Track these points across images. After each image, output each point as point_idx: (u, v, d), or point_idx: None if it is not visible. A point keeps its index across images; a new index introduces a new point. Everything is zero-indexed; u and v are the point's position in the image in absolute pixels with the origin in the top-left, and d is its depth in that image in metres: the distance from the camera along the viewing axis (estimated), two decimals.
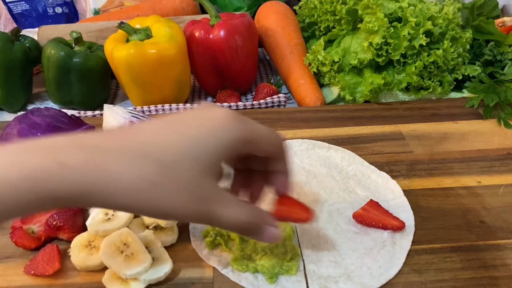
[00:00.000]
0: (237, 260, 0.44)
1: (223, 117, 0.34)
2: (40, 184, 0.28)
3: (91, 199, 0.30)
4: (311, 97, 0.73)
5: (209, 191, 0.33)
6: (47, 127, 0.56)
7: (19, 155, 0.29)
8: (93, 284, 0.43)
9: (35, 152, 0.29)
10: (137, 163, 0.30)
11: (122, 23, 0.68)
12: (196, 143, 0.32)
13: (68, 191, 0.29)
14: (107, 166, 0.30)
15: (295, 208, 0.41)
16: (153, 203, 0.31)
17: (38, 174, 0.28)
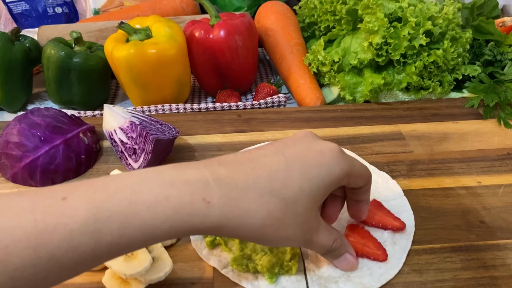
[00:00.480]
0: (237, 260, 0.44)
1: (332, 153, 0.38)
2: (185, 218, 0.32)
3: (224, 232, 0.34)
4: (311, 97, 0.73)
5: (314, 223, 0.38)
6: (47, 127, 0.56)
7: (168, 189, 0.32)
8: (93, 284, 0.43)
9: (181, 187, 0.32)
10: (265, 199, 0.34)
11: (122, 23, 0.68)
12: (313, 182, 0.36)
13: (206, 225, 0.33)
14: (242, 204, 0.34)
15: (369, 243, 0.46)
16: (273, 236, 0.35)
17: (186, 208, 0.32)
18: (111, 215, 0.30)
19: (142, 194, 0.31)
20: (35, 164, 0.54)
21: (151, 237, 0.31)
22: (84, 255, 0.30)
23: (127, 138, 0.56)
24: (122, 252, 0.31)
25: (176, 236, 0.33)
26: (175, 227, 0.32)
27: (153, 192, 0.32)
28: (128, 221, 0.30)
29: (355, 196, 0.43)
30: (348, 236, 0.46)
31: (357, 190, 0.42)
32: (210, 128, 0.66)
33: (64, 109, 0.73)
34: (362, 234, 0.46)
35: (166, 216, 0.31)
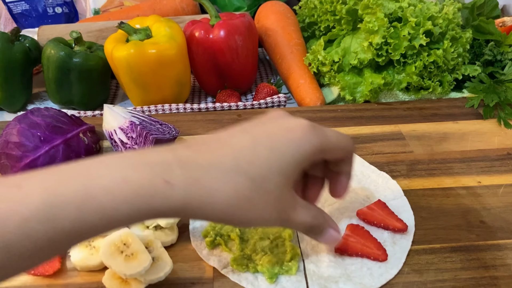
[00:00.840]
0: (237, 260, 0.44)
1: (302, 129, 0.36)
2: (146, 200, 0.31)
3: (189, 213, 0.33)
4: (311, 97, 0.73)
5: (290, 200, 0.37)
6: (47, 127, 0.56)
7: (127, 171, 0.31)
8: (93, 284, 0.43)
9: (141, 169, 0.31)
10: (232, 179, 0.33)
11: (122, 23, 0.68)
12: (282, 159, 0.35)
13: (169, 206, 0.31)
14: (206, 183, 0.32)
15: (370, 243, 0.45)
16: (244, 216, 0.34)
17: (146, 190, 0.31)
18: (67, 199, 0.29)
19: (100, 177, 0.30)
20: (35, 164, 0.54)
21: (111, 221, 0.30)
22: (41, 243, 0.28)
23: (127, 138, 0.56)
24: (82, 238, 0.30)
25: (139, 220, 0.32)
26: (135, 210, 0.30)
27: (111, 175, 0.31)
28: (86, 205, 0.29)
29: (336, 167, 0.41)
30: (348, 236, 0.46)
31: (338, 162, 0.40)
32: (210, 128, 0.66)
33: (64, 109, 0.73)
34: (363, 234, 0.46)
35: (125, 198, 0.30)
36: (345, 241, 0.46)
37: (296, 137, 0.35)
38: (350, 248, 0.45)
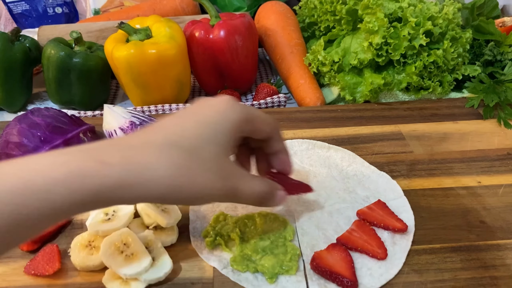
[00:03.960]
0: (237, 260, 0.44)
1: (225, 102, 0.39)
2: (84, 181, 0.31)
3: (129, 192, 0.32)
4: (311, 97, 0.73)
5: (230, 169, 0.38)
6: (47, 127, 0.56)
7: (60, 157, 0.32)
8: (93, 284, 0.43)
9: (74, 154, 0.32)
10: (165, 152, 0.34)
11: (122, 23, 0.68)
12: (210, 127, 0.37)
13: (108, 186, 0.32)
14: (141, 159, 0.33)
15: (372, 241, 0.45)
16: (186, 187, 0.34)
17: (82, 172, 0.31)
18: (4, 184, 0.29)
19: (36, 163, 0.31)
20: None
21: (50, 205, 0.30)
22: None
23: None
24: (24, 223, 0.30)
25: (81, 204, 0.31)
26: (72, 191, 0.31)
27: (46, 161, 0.31)
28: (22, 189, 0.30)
29: (269, 148, 0.44)
30: (352, 231, 0.47)
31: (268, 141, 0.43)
32: None
33: (64, 109, 0.73)
34: (367, 231, 0.47)
35: (62, 180, 0.30)
36: (348, 234, 0.47)
37: (220, 109, 0.38)
38: (351, 242, 0.46)
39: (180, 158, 0.34)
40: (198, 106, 0.39)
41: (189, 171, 0.34)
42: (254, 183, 0.39)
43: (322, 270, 0.43)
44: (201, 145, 0.35)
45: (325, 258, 0.44)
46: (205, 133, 0.36)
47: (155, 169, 0.33)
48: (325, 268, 0.43)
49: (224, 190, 0.37)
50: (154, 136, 0.35)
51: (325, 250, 0.45)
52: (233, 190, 0.37)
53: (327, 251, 0.45)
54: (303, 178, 0.55)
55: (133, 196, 0.33)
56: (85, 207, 0.32)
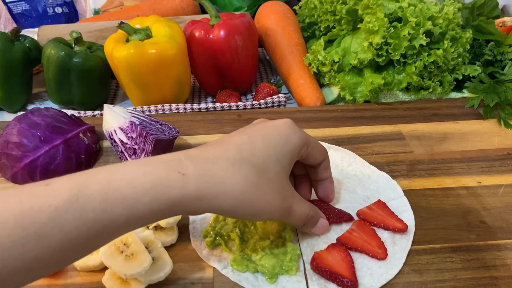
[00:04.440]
0: (237, 260, 0.44)
1: (288, 124, 0.41)
2: (163, 190, 0.33)
3: (206, 202, 0.35)
4: (311, 97, 0.73)
5: (289, 189, 0.41)
6: (47, 127, 0.56)
7: (144, 167, 0.34)
8: (93, 284, 0.43)
9: (156, 165, 0.35)
10: (239, 168, 0.36)
11: (122, 23, 0.68)
12: (277, 149, 0.39)
13: (187, 196, 0.34)
14: (216, 173, 0.36)
15: (372, 241, 0.46)
16: (253, 203, 0.37)
17: (163, 181, 0.34)
18: (92, 192, 0.32)
19: (120, 173, 0.33)
20: (35, 164, 0.54)
21: (134, 212, 0.33)
22: (70, 233, 0.31)
23: (127, 138, 0.56)
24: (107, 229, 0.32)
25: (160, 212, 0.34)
26: (155, 200, 0.33)
27: (131, 170, 0.34)
28: (109, 196, 0.32)
29: (317, 175, 0.47)
30: (352, 231, 0.47)
31: (317, 168, 0.46)
32: (210, 128, 0.66)
33: (64, 109, 0.73)
34: (367, 231, 0.47)
35: (145, 189, 0.33)
36: (348, 234, 0.46)
37: (284, 131, 0.41)
38: (351, 242, 0.46)
39: (250, 174, 0.37)
40: (263, 127, 0.41)
41: (257, 188, 0.37)
42: (305, 206, 0.43)
43: (322, 270, 0.43)
44: (268, 165, 0.38)
45: (325, 258, 0.44)
46: (273, 154, 0.39)
47: (229, 183, 0.36)
48: (325, 268, 0.43)
49: (281, 208, 0.39)
50: (228, 151, 0.37)
51: (325, 250, 0.45)
52: (288, 209, 0.40)
53: (327, 251, 0.45)
54: None
55: (206, 207, 0.36)
56: (163, 216, 0.35)
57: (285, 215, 0.40)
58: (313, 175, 0.47)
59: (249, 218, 0.39)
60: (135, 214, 0.33)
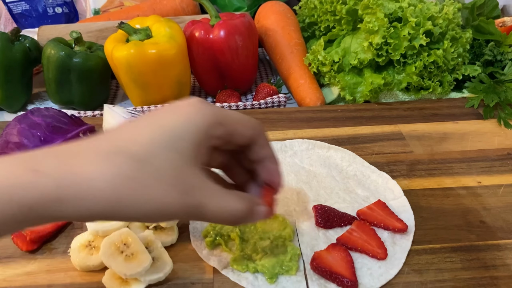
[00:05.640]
0: (237, 260, 0.44)
1: (190, 105, 0.33)
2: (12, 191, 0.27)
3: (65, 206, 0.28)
4: (311, 97, 0.73)
5: (195, 181, 0.32)
6: (47, 127, 0.56)
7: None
8: (93, 284, 0.43)
9: (7, 162, 0.28)
10: (109, 160, 0.29)
11: (122, 23, 0.68)
12: (170, 132, 0.31)
13: (40, 198, 0.27)
14: (80, 168, 0.28)
15: (372, 241, 0.45)
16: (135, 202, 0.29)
17: (10, 181, 0.27)
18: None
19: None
20: None
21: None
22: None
23: None
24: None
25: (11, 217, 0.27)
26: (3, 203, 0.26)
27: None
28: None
29: (254, 154, 0.37)
30: (352, 231, 0.47)
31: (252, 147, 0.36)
32: None
33: (64, 109, 0.73)
34: (367, 231, 0.47)
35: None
36: (348, 235, 0.46)
37: (183, 111, 0.32)
38: (351, 242, 0.46)
39: (127, 167, 0.29)
40: (158, 110, 0.33)
41: (138, 183, 0.29)
42: (226, 199, 0.33)
43: (322, 270, 0.43)
44: (155, 152, 0.30)
45: (325, 258, 0.44)
46: (161, 138, 0.30)
47: (94, 179, 0.28)
48: (325, 268, 0.43)
49: (184, 206, 0.31)
50: (100, 142, 0.30)
51: (325, 250, 0.45)
52: (197, 207, 0.31)
53: (327, 251, 0.45)
54: (302, 178, 0.55)
55: (73, 211, 0.28)
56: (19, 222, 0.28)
57: (196, 214, 0.32)
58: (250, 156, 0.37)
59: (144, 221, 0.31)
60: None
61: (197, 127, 0.32)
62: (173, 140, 0.31)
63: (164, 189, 0.30)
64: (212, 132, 0.33)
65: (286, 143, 0.60)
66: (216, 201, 0.32)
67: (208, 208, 0.32)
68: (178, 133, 0.31)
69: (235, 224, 0.36)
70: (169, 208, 0.30)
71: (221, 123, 0.33)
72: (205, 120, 0.32)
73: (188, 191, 0.31)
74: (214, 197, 0.32)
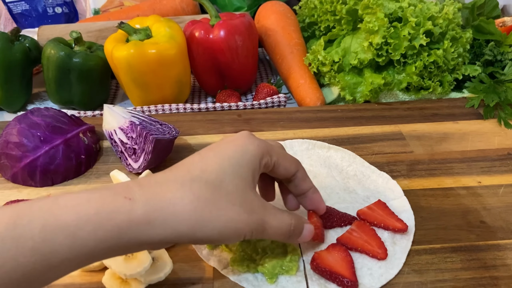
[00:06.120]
0: (237, 260, 0.44)
1: (244, 135, 0.39)
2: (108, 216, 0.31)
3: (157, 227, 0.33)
4: (311, 97, 0.73)
5: (256, 202, 0.37)
6: (47, 127, 0.56)
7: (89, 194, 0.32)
8: (93, 284, 0.43)
9: (102, 192, 0.33)
10: (189, 186, 0.34)
11: (122, 23, 0.68)
12: (233, 161, 0.37)
13: (134, 221, 0.32)
14: (165, 195, 0.34)
15: (372, 241, 0.45)
16: (211, 221, 0.34)
17: (108, 206, 0.31)
18: (32, 219, 0.29)
19: (64, 199, 0.31)
20: (35, 164, 0.54)
21: (77, 242, 0.30)
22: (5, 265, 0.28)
23: (127, 138, 0.56)
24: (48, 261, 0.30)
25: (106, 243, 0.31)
26: (99, 227, 0.31)
27: (75, 198, 0.32)
28: (50, 223, 0.30)
29: (297, 188, 0.43)
30: (352, 231, 0.47)
31: (294, 180, 0.43)
32: (210, 128, 0.66)
33: (64, 109, 0.73)
34: (367, 231, 0.47)
35: (88, 215, 0.31)
36: (348, 235, 0.46)
37: (239, 143, 0.38)
38: (351, 242, 0.46)
39: (203, 192, 0.34)
40: (217, 144, 0.39)
41: (213, 204, 0.34)
42: (283, 216, 0.39)
43: (322, 270, 0.43)
44: (224, 178, 0.36)
45: (325, 258, 0.44)
46: (227, 166, 0.36)
47: (179, 203, 0.33)
48: (325, 268, 0.43)
49: (250, 223, 0.36)
50: (177, 173, 0.36)
51: (325, 250, 0.45)
52: (261, 223, 0.37)
53: (327, 251, 0.45)
54: None
55: (160, 233, 0.33)
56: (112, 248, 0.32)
57: (260, 230, 0.37)
58: (294, 189, 0.44)
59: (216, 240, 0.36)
60: (78, 243, 0.30)
61: (253, 156, 0.38)
62: (236, 168, 0.37)
63: (235, 210, 0.35)
64: (263, 160, 0.39)
65: (286, 143, 0.60)
66: (273, 218, 0.38)
67: (269, 225, 0.38)
68: (239, 162, 0.37)
69: (287, 240, 0.41)
70: (239, 226, 0.36)
71: (269, 153, 0.39)
72: (258, 150, 0.38)
73: (253, 210, 0.37)
74: (272, 214, 0.38)
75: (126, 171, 0.57)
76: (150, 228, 0.32)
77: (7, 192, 0.55)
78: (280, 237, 0.40)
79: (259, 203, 0.38)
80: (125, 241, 0.32)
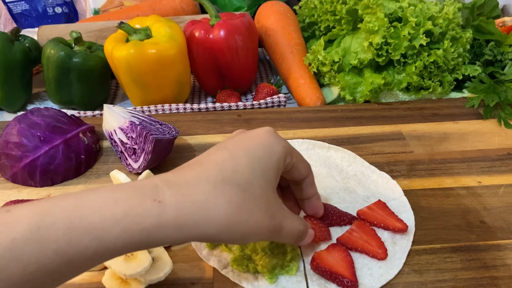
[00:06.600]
0: (237, 260, 0.44)
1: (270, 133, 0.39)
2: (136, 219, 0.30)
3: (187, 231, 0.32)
4: (311, 97, 0.73)
5: (276, 206, 0.37)
6: (46, 127, 0.56)
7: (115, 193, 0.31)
8: (93, 284, 0.43)
9: (129, 192, 0.31)
10: (221, 190, 0.33)
11: (122, 23, 0.68)
12: (262, 163, 0.36)
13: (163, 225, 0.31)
14: (197, 197, 0.32)
15: (372, 241, 0.45)
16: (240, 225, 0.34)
17: (136, 209, 0.30)
18: (55, 220, 0.28)
19: (89, 199, 0.30)
20: (35, 164, 0.54)
21: (102, 244, 0.29)
22: (29, 266, 0.27)
23: (127, 138, 0.56)
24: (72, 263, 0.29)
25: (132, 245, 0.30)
26: (127, 231, 0.30)
27: (100, 197, 0.30)
28: (75, 225, 0.28)
29: (303, 192, 0.44)
30: (352, 231, 0.47)
31: (302, 183, 0.43)
32: (210, 128, 0.66)
33: (64, 109, 0.73)
34: (367, 231, 0.47)
35: (116, 218, 0.29)
36: (348, 235, 0.46)
37: (267, 141, 0.38)
38: (351, 242, 0.46)
39: (234, 196, 0.34)
40: (243, 139, 0.38)
41: (243, 209, 0.34)
42: (296, 220, 0.39)
43: (322, 270, 0.43)
44: (253, 181, 0.35)
45: (325, 258, 0.44)
46: (257, 168, 0.36)
47: (213, 208, 0.33)
48: (325, 268, 0.43)
49: (270, 228, 0.36)
50: (208, 172, 0.34)
51: (325, 250, 0.45)
52: (278, 227, 0.37)
53: (327, 251, 0.45)
54: None
55: (186, 236, 0.32)
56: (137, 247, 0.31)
57: (276, 234, 0.37)
58: (299, 192, 0.44)
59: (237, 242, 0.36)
60: (104, 246, 0.29)
61: (279, 159, 0.38)
62: (265, 170, 0.36)
63: (260, 216, 0.35)
64: (285, 161, 0.39)
65: None
66: (288, 222, 0.38)
67: (285, 229, 0.38)
68: (267, 164, 0.37)
69: (297, 242, 0.41)
70: (261, 230, 0.36)
71: (291, 154, 0.39)
72: (283, 151, 0.38)
73: (274, 215, 0.36)
74: (287, 218, 0.38)
75: (126, 171, 0.57)
76: (179, 232, 0.32)
77: (7, 192, 0.55)
78: (289, 240, 0.40)
79: (279, 207, 0.38)
80: (151, 243, 0.31)
